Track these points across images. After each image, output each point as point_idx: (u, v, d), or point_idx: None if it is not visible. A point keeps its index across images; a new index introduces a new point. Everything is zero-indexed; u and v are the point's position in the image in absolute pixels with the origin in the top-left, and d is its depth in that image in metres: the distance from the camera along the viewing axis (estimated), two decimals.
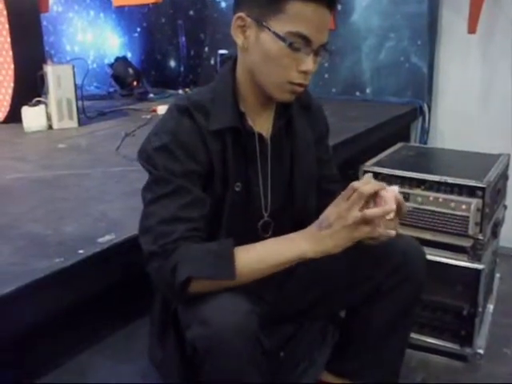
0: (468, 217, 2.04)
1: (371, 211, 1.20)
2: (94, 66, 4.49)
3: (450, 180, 2.09)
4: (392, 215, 1.23)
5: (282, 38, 1.23)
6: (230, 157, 1.33)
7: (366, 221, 1.21)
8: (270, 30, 1.24)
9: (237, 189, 1.36)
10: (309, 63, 1.26)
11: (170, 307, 1.35)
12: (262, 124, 1.40)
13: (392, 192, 1.25)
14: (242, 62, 1.35)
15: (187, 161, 1.27)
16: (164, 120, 1.33)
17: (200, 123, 1.30)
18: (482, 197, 2.03)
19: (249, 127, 1.36)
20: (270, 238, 1.38)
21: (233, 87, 1.35)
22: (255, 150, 1.39)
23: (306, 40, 1.24)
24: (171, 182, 1.25)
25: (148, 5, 4.16)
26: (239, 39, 1.30)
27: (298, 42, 1.23)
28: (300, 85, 1.30)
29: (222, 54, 3.39)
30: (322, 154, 1.56)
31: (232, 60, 1.38)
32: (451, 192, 2.09)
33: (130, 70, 3.99)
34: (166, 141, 1.27)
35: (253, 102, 1.37)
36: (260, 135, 1.39)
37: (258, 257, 1.23)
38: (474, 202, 2.03)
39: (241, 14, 1.28)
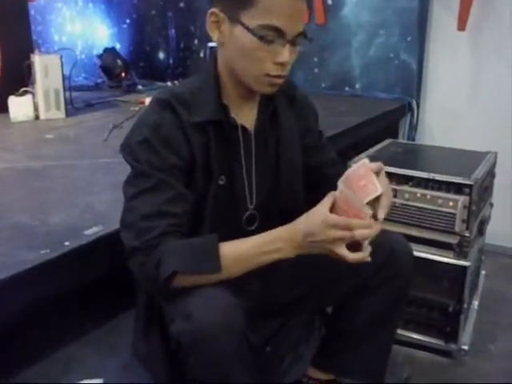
0: (455, 214, 2.05)
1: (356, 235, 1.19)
2: (83, 56, 4.46)
3: (437, 177, 2.09)
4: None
5: (253, 32, 1.22)
6: (212, 150, 1.32)
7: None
8: (241, 24, 1.23)
9: (221, 182, 1.35)
10: (284, 54, 1.25)
11: (155, 302, 1.34)
12: (246, 116, 1.40)
13: (363, 167, 1.25)
14: (221, 56, 1.34)
15: (169, 155, 1.26)
16: (146, 113, 1.33)
17: (182, 116, 1.29)
18: (469, 194, 2.04)
19: (232, 120, 1.35)
20: (255, 230, 1.39)
21: (215, 80, 1.34)
22: (239, 142, 1.38)
23: (279, 31, 1.22)
24: (153, 177, 1.24)
25: None
26: (215, 35, 1.30)
27: (270, 35, 1.22)
28: (278, 76, 1.29)
29: (211, 47, 3.36)
30: (316, 141, 1.56)
31: (214, 53, 1.38)
32: (438, 189, 2.09)
33: (119, 62, 3.96)
34: (148, 135, 1.26)
35: (235, 95, 1.36)
36: (243, 127, 1.38)
37: (241, 254, 1.23)
38: (461, 199, 2.04)
39: (214, 9, 1.27)
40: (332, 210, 1.23)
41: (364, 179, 1.24)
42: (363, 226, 1.20)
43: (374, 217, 1.24)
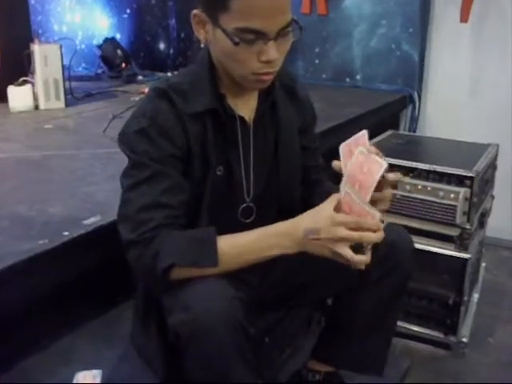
0: (456, 206, 2.04)
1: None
2: (83, 46, 4.43)
3: (438, 169, 2.09)
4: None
5: (230, 36, 1.18)
6: (210, 140, 1.30)
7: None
8: (219, 27, 1.20)
9: (218, 172, 1.33)
10: (269, 53, 1.20)
11: (153, 294, 1.32)
12: (244, 107, 1.38)
13: (362, 154, 1.23)
14: (211, 52, 1.32)
15: (166, 144, 1.25)
16: (143, 103, 1.31)
17: (178, 106, 1.27)
18: (471, 186, 2.03)
19: (229, 109, 1.33)
20: (251, 223, 1.37)
21: (211, 69, 1.32)
22: (236, 133, 1.36)
23: (258, 33, 1.18)
24: (149, 167, 1.23)
25: None
26: (201, 35, 1.27)
27: (249, 37, 1.18)
28: (266, 73, 1.25)
29: None
30: (310, 143, 1.54)
31: None
32: (440, 181, 2.08)
33: (119, 52, 3.94)
34: (145, 124, 1.25)
35: (231, 85, 1.33)
36: (242, 118, 1.36)
37: (239, 249, 1.20)
38: (462, 192, 2.03)
39: (196, 11, 1.25)
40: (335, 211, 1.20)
41: (365, 163, 1.21)
42: (371, 227, 1.16)
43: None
